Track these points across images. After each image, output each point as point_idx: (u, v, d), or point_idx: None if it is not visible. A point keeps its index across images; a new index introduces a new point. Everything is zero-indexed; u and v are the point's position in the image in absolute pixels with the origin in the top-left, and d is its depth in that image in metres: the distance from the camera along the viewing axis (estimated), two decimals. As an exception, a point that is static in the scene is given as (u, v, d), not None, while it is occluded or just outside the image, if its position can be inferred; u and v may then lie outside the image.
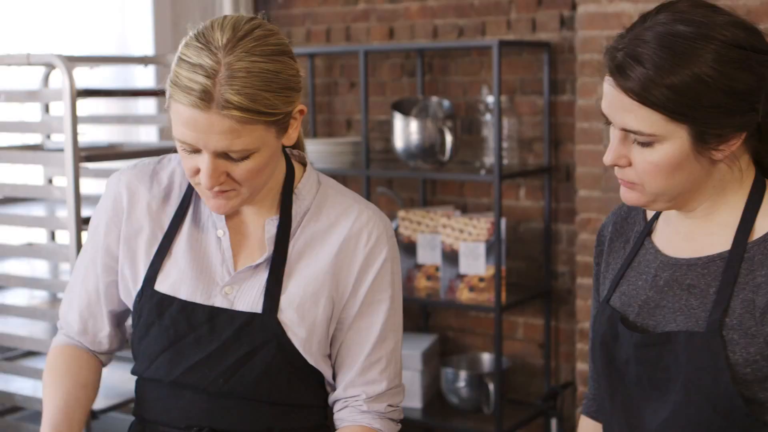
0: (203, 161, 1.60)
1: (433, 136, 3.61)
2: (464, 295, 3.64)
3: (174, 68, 1.61)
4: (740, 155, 1.50)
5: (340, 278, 1.75)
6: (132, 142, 3.69)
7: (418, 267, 3.79)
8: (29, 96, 3.12)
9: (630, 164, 1.49)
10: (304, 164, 1.83)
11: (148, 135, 4.06)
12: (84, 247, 1.89)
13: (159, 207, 1.82)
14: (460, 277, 3.65)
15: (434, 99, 3.83)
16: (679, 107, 1.41)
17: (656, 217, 1.65)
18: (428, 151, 3.63)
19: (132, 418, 1.89)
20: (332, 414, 1.85)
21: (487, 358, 3.93)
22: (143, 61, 3.36)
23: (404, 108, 3.77)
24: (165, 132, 3.95)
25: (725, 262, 1.49)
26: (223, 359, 1.72)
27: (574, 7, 3.59)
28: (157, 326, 1.75)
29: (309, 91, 4.28)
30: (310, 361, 1.73)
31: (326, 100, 4.35)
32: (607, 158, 1.51)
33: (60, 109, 2.90)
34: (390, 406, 1.80)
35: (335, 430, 1.82)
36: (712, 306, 1.47)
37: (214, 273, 1.76)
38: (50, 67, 3.28)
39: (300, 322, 1.71)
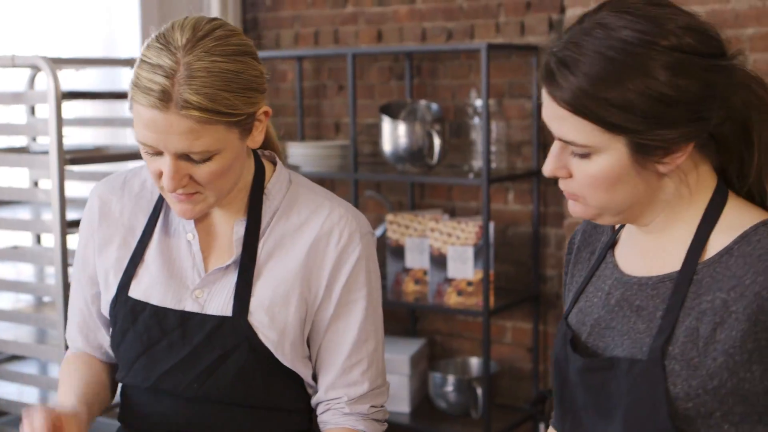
0: (165, 163, 1.59)
1: (422, 139, 3.61)
2: (452, 299, 3.64)
3: (135, 69, 1.60)
4: (690, 168, 1.39)
5: (312, 279, 1.73)
6: (118, 144, 3.67)
7: (406, 271, 3.78)
8: (14, 98, 3.11)
9: (571, 176, 1.39)
10: (275, 163, 1.81)
11: (134, 138, 4.04)
12: (73, 270, 1.91)
13: (131, 215, 1.82)
14: (449, 281, 3.64)
15: (422, 102, 3.83)
16: (614, 118, 1.31)
17: (622, 227, 1.57)
18: (416, 154, 3.63)
19: (118, 423, 1.89)
20: (316, 417, 1.84)
21: (475, 362, 3.93)
22: (129, 63, 3.33)
23: (392, 111, 3.76)
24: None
25: (674, 284, 1.39)
26: (196, 363, 1.71)
27: (562, 10, 3.58)
28: (132, 332, 1.75)
29: (297, 94, 4.27)
30: (285, 362, 1.72)
31: (314, 103, 4.35)
32: (546, 169, 1.41)
33: (45, 111, 2.89)
34: (373, 407, 1.79)
35: None
36: (656, 332, 1.37)
37: (185, 277, 1.76)
38: (35, 69, 3.26)
39: (270, 324, 1.70)
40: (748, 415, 1.33)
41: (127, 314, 1.76)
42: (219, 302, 1.72)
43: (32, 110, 3.40)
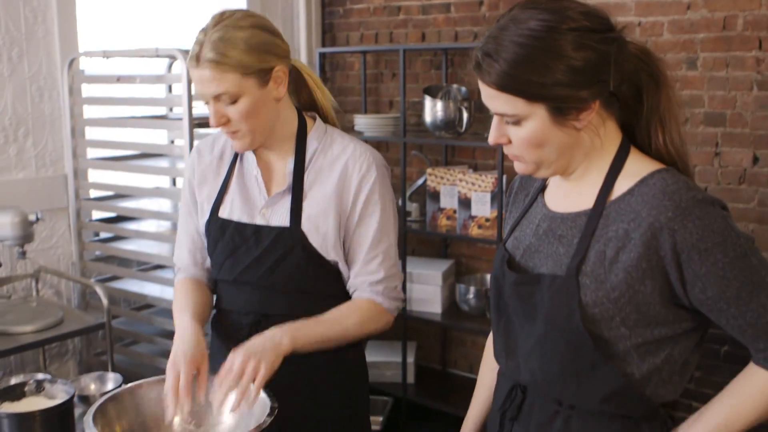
0: (210, 109, 1.70)
1: (454, 113, 3.60)
2: (474, 231, 3.65)
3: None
4: (600, 123, 1.33)
5: (342, 198, 1.78)
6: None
7: (441, 210, 3.79)
8: (157, 79, 3.16)
9: (510, 141, 1.34)
10: (314, 120, 1.87)
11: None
12: (181, 207, 1.97)
13: (217, 163, 1.90)
14: (472, 217, 3.66)
15: (455, 86, 3.81)
16: (532, 90, 1.26)
17: None
18: (450, 124, 3.63)
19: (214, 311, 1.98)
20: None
21: (489, 277, 3.92)
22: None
23: (432, 92, 3.76)
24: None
25: (587, 218, 1.34)
26: (266, 260, 1.78)
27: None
28: (222, 242, 1.83)
29: (362, 79, 4.27)
30: (329, 258, 1.78)
31: (374, 86, 4.34)
32: (490, 138, 1.37)
33: (179, 89, 2.93)
34: (387, 287, 1.82)
35: None
36: (572, 254, 1.33)
37: (255, 200, 1.82)
38: (172, 58, 3.31)
39: (316, 231, 1.77)
40: (641, 321, 1.30)
41: (218, 229, 1.83)
42: (280, 217, 1.78)
43: (170, 88, 3.45)
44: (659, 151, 1.36)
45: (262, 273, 1.78)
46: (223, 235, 1.82)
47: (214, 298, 1.94)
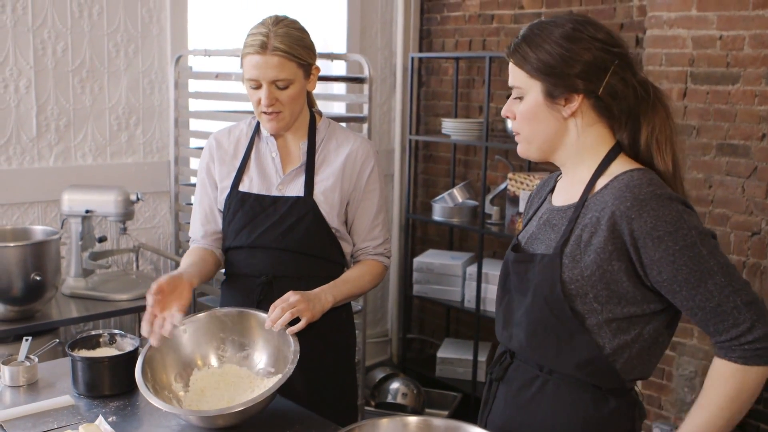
0: (263, 92, 2.02)
1: (536, 120, 3.69)
2: (548, 236, 3.72)
3: (244, 43, 2.02)
4: (587, 125, 1.56)
5: (345, 178, 2.13)
6: (327, 112, 3.95)
7: (519, 214, 3.87)
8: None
9: (515, 118, 1.58)
10: (321, 115, 2.20)
11: (339, 107, 4.33)
12: (196, 187, 2.28)
13: (235, 148, 2.22)
14: (547, 223, 3.72)
15: (540, 94, 3.89)
16: (532, 65, 1.51)
17: (560, 175, 1.72)
18: (530, 131, 3.71)
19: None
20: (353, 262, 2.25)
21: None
22: (331, 57, 3.61)
23: (516, 99, 3.85)
24: (349, 106, 4.21)
25: (573, 209, 1.56)
26: (282, 224, 2.10)
27: (644, 31, 3.62)
28: (241, 212, 2.14)
29: (454, 84, 4.43)
30: (332, 224, 2.11)
31: (466, 92, 4.49)
32: (503, 111, 1.61)
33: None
34: (386, 248, 2.23)
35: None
36: (559, 238, 1.56)
37: (271, 177, 2.14)
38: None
39: (325, 201, 2.11)
40: (611, 298, 1.50)
41: (238, 201, 2.15)
42: (294, 190, 2.12)
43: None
44: (653, 166, 1.56)
45: (277, 236, 2.11)
46: (243, 205, 2.15)
47: (225, 265, 2.26)
